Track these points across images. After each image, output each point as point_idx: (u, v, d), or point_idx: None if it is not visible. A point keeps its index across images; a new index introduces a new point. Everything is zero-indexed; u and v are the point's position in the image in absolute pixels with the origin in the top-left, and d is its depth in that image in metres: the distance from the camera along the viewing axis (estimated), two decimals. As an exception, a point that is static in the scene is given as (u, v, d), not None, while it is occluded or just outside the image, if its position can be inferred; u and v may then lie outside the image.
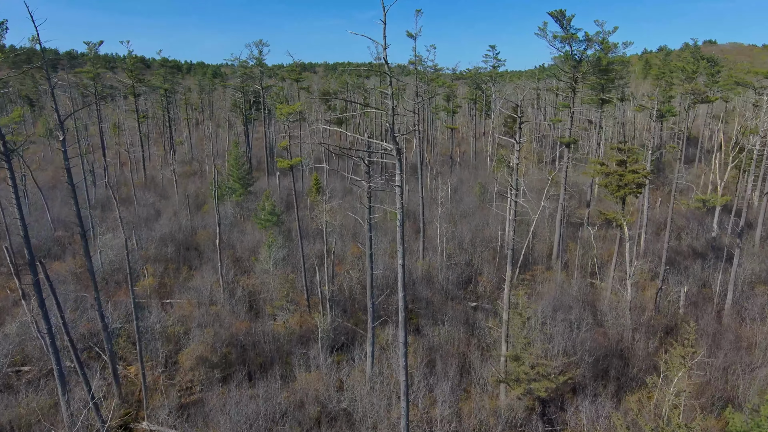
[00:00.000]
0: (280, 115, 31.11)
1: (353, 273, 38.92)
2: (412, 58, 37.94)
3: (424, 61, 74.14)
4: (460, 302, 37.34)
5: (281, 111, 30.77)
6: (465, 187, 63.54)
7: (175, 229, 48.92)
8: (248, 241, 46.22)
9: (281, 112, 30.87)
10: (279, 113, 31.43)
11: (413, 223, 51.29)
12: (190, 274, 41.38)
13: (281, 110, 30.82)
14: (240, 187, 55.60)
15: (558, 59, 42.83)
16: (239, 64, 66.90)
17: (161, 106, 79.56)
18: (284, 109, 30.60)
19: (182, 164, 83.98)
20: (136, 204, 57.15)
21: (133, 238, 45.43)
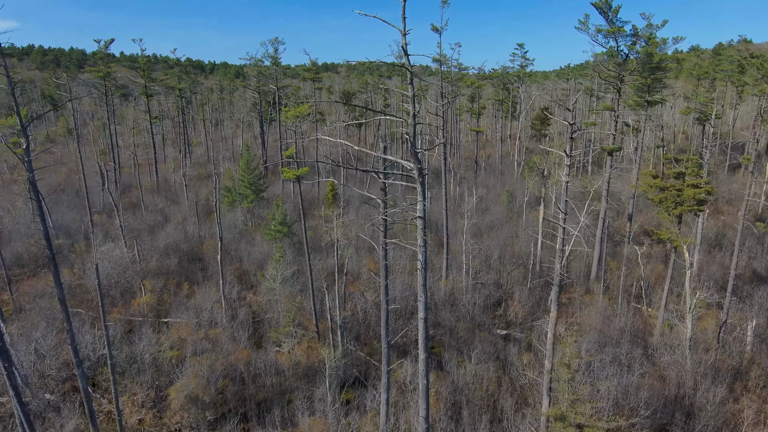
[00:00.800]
0: (286, 119, 27.00)
1: (368, 294, 34.61)
2: (437, 56, 33.58)
3: (449, 60, 69.49)
4: (487, 330, 32.71)
5: (287, 114, 26.67)
6: (491, 194, 58.68)
7: (180, 239, 45.33)
8: (256, 254, 42.32)
9: (287, 116, 26.76)
10: (285, 116, 27.34)
11: (435, 235, 46.74)
12: (192, 290, 37.60)
13: (287, 113, 26.74)
14: (251, 193, 51.83)
15: (600, 56, 37.79)
16: (254, 63, 63.18)
17: (177, 106, 76.52)
18: (290, 112, 26.50)
19: (197, 166, 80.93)
20: (144, 209, 53.84)
21: (135, 247, 41.97)
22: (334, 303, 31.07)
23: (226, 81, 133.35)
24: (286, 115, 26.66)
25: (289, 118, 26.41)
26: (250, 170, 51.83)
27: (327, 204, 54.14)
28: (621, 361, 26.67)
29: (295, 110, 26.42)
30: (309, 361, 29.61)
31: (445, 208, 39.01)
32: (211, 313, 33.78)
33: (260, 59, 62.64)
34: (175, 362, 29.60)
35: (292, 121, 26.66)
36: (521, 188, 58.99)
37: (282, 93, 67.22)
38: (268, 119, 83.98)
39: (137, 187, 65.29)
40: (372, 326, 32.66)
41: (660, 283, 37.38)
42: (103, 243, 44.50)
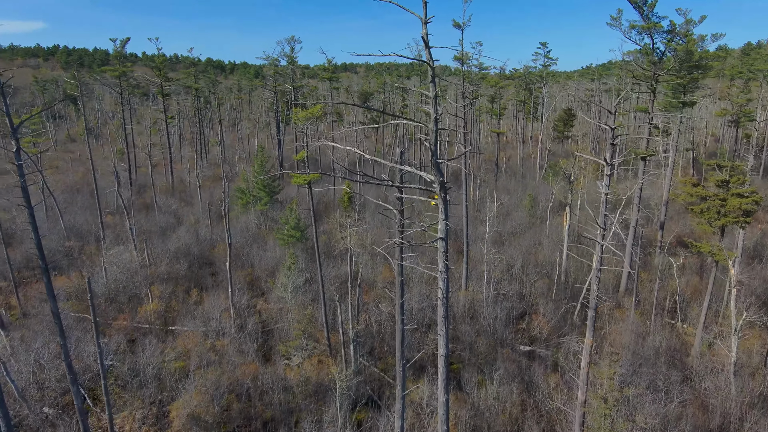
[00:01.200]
0: (297, 120, 25.20)
1: (383, 305, 32.65)
2: (458, 53, 31.35)
3: (470, 59, 67.13)
4: (510, 346, 30.50)
5: (297, 115, 24.87)
6: (512, 199, 56.24)
7: (191, 242, 43.95)
8: (268, 259, 40.69)
9: (297, 117, 24.95)
10: (295, 117, 25.56)
11: (454, 242, 44.57)
12: (201, 297, 36.09)
13: (297, 114, 24.94)
14: (265, 196, 50.28)
15: (633, 54, 35.20)
16: (270, 62, 61.70)
17: (193, 106, 75.62)
18: (301, 114, 24.68)
19: (214, 166, 79.90)
20: (157, 211, 52.68)
21: (145, 251, 40.68)
22: (347, 315, 29.19)
23: (245, 81, 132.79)
24: (297, 116, 24.88)
25: (300, 119, 24.62)
26: (264, 172, 50.29)
27: (342, 207, 52.36)
28: (658, 386, 24.27)
29: (306, 111, 24.61)
30: (319, 377, 27.78)
31: (466, 215, 36.86)
32: (219, 322, 32.21)
33: (276, 58, 61.15)
34: (180, 375, 28.08)
35: (303, 123, 24.86)
36: (544, 192, 56.45)
37: (298, 93, 65.72)
38: (285, 119, 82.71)
39: (151, 188, 64.40)
40: (387, 340, 30.70)
41: (696, 297, 34.70)
42: (113, 245, 43.40)
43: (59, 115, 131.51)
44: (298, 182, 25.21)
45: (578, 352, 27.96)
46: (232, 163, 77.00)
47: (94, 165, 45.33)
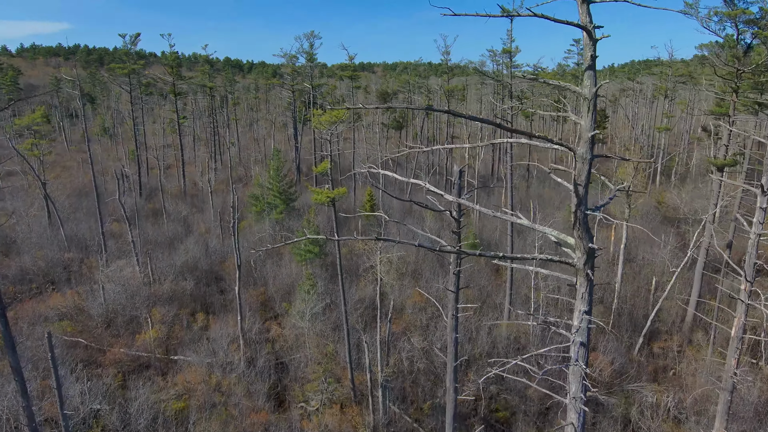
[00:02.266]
0: (319, 124, 20.57)
1: (415, 338, 27.87)
2: (507, 46, 26.27)
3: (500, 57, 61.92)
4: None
5: (319, 119, 20.25)
6: (548, 208, 50.98)
7: (200, 254, 39.66)
8: (284, 276, 36.19)
9: (319, 121, 20.33)
10: (316, 122, 20.93)
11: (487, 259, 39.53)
12: (207, 321, 31.69)
13: (318, 118, 20.34)
14: (281, 203, 45.83)
15: (711, 46, 29.85)
16: (287, 59, 57.23)
17: (208, 106, 71.61)
18: (324, 117, 20.07)
19: (228, 168, 75.80)
20: (166, 218, 48.54)
21: (148, 265, 36.43)
22: (375, 354, 24.48)
23: (262, 80, 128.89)
24: (319, 120, 20.28)
25: (322, 123, 20.02)
26: (279, 177, 45.82)
27: (366, 208, 47.65)
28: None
29: (330, 114, 20.01)
30: (342, 428, 23.12)
31: (511, 233, 31.90)
32: (227, 353, 27.73)
33: (294, 55, 56.68)
34: (179, 420, 23.70)
35: (325, 128, 20.25)
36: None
37: (317, 92, 61.20)
38: (302, 120, 78.37)
39: (163, 192, 60.45)
40: (421, 382, 25.92)
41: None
42: (115, 258, 39.31)
43: (75, 114, 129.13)
44: (320, 200, 20.68)
45: (654, 406, 22.92)
46: (247, 165, 72.85)
47: (94, 172, 41.26)
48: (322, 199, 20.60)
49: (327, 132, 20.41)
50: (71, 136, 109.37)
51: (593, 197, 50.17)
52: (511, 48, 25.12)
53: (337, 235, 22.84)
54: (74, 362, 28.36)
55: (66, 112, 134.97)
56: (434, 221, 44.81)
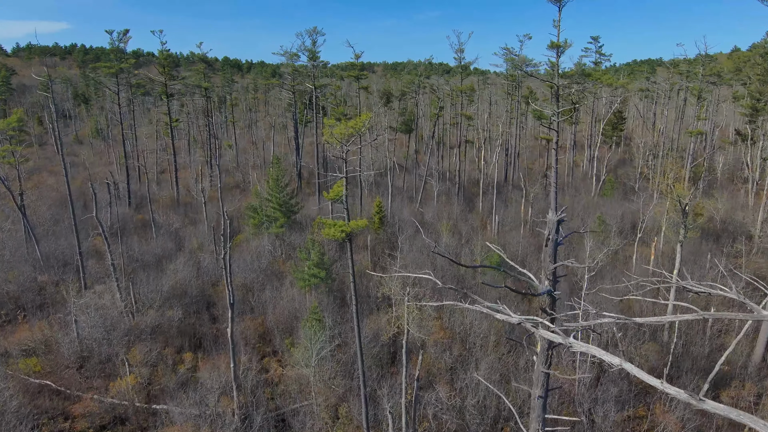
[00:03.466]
0: (330, 138, 15.88)
1: (441, 387, 23.19)
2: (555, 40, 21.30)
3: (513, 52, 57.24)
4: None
5: (330, 132, 15.58)
6: (573, 219, 46.24)
7: (190, 276, 34.95)
8: (286, 303, 31.47)
9: (331, 134, 15.65)
10: (328, 135, 16.19)
11: (517, 281, 34.82)
12: (196, 360, 26.98)
13: (330, 130, 15.69)
14: (281, 216, 41.10)
15: None
16: (288, 57, 52.39)
17: (203, 107, 66.69)
18: (337, 129, 15.36)
19: (225, 173, 70.99)
20: (155, 231, 43.73)
21: (131, 292, 31.65)
22: (398, 419, 19.77)
23: (262, 80, 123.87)
24: (331, 132, 15.62)
25: (334, 137, 15.35)
26: (279, 188, 41.06)
27: (372, 229, 42.94)
28: None
29: (346, 125, 15.31)
30: None
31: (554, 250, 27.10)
32: (217, 405, 23.02)
33: (295, 53, 51.80)
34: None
35: (340, 143, 15.55)
36: (607, 212, 46.45)
37: (320, 93, 56.44)
38: (304, 121, 73.64)
39: (154, 202, 55.62)
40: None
41: None
42: (95, 281, 34.57)
43: (69, 115, 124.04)
44: (333, 235, 16.05)
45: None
46: (245, 170, 68.00)
47: (71, 189, 36.34)
48: (336, 234, 15.97)
49: (341, 148, 15.72)
50: (63, 139, 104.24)
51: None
52: (559, 42, 20.46)
53: (354, 281, 18.08)
54: (38, 414, 23.74)
55: (59, 113, 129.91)
56: (450, 237, 40.09)
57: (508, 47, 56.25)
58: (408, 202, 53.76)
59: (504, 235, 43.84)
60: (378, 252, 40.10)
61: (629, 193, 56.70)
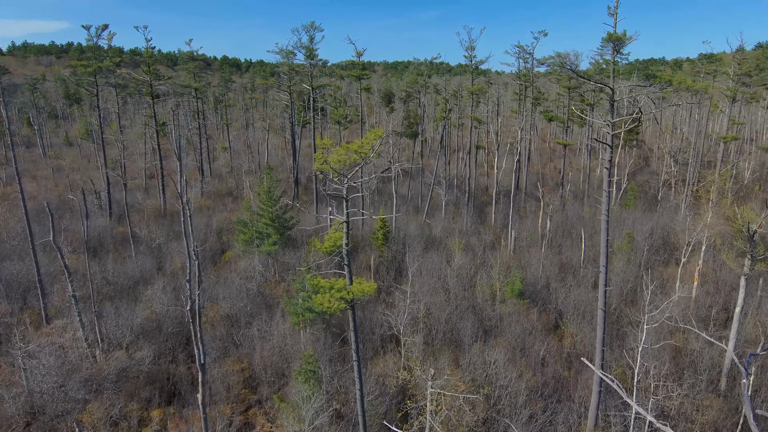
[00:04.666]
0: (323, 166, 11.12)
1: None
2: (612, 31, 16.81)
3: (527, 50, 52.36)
4: None
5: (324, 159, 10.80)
6: (594, 233, 41.42)
7: (167, 304, 30.09)
8: (276, 341, 26.67)
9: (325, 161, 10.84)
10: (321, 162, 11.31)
11: (542, 313, 29.99)
12: (166, 421, 22.19)
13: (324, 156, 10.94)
14: (274, 232, 36.33)
15: None
16: (284, 55, 47.47)
17: (194, 109, 61.82)
18: (335, 156, 10.50)
19: (218, 179, 66.17)
20: (133, 250, 38.88)
21: (96, 328, 26.85)
22: None
23: (260, 79, 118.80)
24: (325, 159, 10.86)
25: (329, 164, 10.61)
26: (272, 201, 36.26)
27: (375, 246, 38.17)
28: None
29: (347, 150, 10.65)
30: None
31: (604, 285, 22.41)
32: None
33: (291, 51, 46.87)
34: None
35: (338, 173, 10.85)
36: (636, 226, 41.67)
37: (318, 94, 51.56)
38: (302, 122, 68.72)
39: (138, 212, 50.79)
40: None
41: None
42: (58, 314, 29.79)
43: (62, 116, 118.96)
44: (330, 309, 11.32)
45: None
46: (239, 175, 63.10)
47: (28, 214, 31.37)
48: (332, 305, 11.08)
49: (340, 180, 10.97)
50: (52, 140, 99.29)
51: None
52: (619, 33, 15.65)
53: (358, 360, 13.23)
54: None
55: (52, 113, 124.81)
56: (463, 256, 35.30)
57: (521, 45, 51.31)
58: (414, 213, 48.94)
59: (521, 252, 39.05)
60: (382, 273, 35.34)
61: (651, 202, 51.92)
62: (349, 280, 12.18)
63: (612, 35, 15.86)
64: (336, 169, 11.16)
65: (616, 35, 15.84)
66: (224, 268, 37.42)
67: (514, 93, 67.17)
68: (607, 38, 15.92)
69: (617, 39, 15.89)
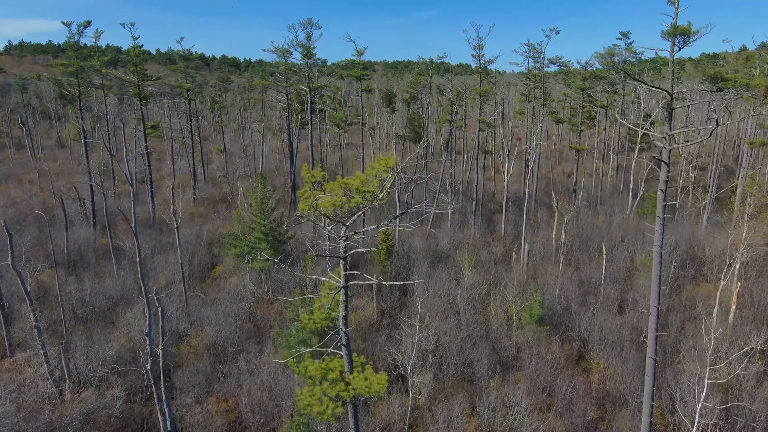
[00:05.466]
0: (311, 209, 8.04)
1: None
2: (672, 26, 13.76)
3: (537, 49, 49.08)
4: None
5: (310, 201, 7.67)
6: (615, 247, 38.13)
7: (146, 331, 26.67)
8: (266, 379, 23.36)
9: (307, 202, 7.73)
10: (306, 207, 8.22)
11: (565, 343, 26.71)
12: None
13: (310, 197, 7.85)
14: (267, 247, 33.02)
15: None
16: (279, 54, 44.15)
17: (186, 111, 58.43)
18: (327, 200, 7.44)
19: (211, 183, 62.85)
20: (115, 266, 35.58)
21: (63, 362, 23.57)
22: None
23: (258, 79, 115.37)
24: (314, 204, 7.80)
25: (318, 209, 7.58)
26: (264, 212, 32.97)
27: (378, 262, 34.89)
28: None
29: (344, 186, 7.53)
30: None
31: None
32: None
33: (287, 49, 43.54)
34: None
35: (331, 219, 7.81)
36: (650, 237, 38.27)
37: (316, 95, 48.28)
38: (299, 123, 65.45)
39: (125, 220, 47.44)
40: None
41: None
42: (24, 344, 26.54)
43: (56, 116, 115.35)
44: (319, 415, 8.16)
45: None
46: (233, 180, 59.81)
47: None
48: (325, 413, 7.76)
49: (335, 230, 7.80)
50: (45, 142, 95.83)
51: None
52: (684, 26, 12.45)
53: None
54: None
55: (46, 114, 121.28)
56: (473, 273, 32.00)
57: (531, 43, 48.03)
58: (417, 222, 45.63)
59: (536, 267, 35.78)
60: (385, 292, 32.02)
61: (669, 211, 48.59)
62: (349, 365, 8.99)
63: (676, 27, 12.60)
64: (330, 216, 8.01)
65: (681, 28, 12.58)
66: (213, 285, 34.18)
67: (521, 94, 63.81)
68: (671, 31, 12.65)
69: (682, 32, 12.64)
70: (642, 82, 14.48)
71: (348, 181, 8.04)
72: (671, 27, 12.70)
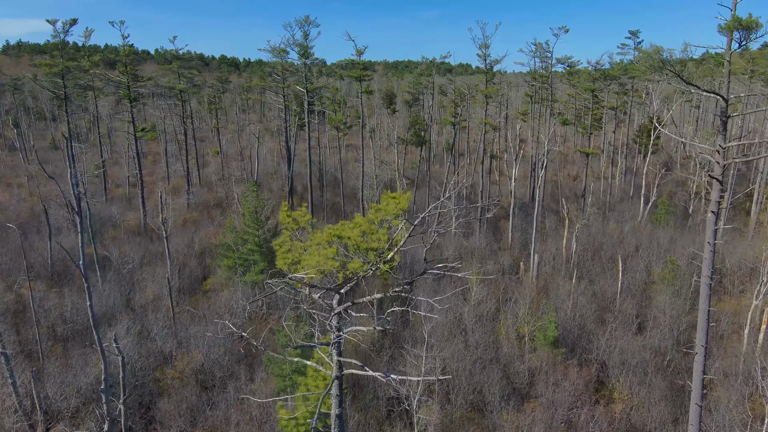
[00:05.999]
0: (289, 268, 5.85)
1: None
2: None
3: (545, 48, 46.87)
4: None
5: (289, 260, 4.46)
6: (630, 258, 35.93)
7: (131, 354, 24.58)
8: (256, 414, 21.15)
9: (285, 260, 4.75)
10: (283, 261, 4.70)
11: (583, 368, 24.50)
12: None
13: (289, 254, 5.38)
14: (261, 259, 30.90)
15: None
16: (275, 53, 41.94)
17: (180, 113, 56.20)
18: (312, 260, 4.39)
19: (206, 187, 60.59)
20: (100, 279, 33.35)
21: (33, 393, 21.36)
22: None
23: (257, 79, 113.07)
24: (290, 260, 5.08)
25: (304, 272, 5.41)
26: (258, 223, 30.78)
27: (380, 273, 32.44)
28: None
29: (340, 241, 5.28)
30: None
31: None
32: None
33: (283, 49, 41.30)
34: None
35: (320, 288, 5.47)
36: (677, 249, 36.28)
37: (314, 97, 46.08)
38: (297, 124, 63.32)
39: (116, 226, 45.37)
40: None
41: None
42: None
43: (52, 117, 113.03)
44: None
45: None
46: (228, 184, 57.56)
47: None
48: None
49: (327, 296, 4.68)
50: (39, 144, 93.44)
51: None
52: (745, 19, 10.34)
53: None
54: None
55: (41, 114, 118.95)
56: (481, 288, 29.81)
57: (538, 42, 45.81)
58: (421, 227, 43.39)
59: (546, 279, 33.58)
60: (386, 310, 29.74)
61: (681, 217, 46.36)
62: None
63: (740, 20, 10.44)
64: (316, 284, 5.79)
65: (744, 21, 10.42)
66: (202, 300, 31.96)
67: (526, 95, 61.58)
68: (732, 24, 10.49)
69: (745, 26, 10.47)
70: (695, 86, 12.34)
71: (343, 231, 5.97)
72: (731, 20, 10.53)
